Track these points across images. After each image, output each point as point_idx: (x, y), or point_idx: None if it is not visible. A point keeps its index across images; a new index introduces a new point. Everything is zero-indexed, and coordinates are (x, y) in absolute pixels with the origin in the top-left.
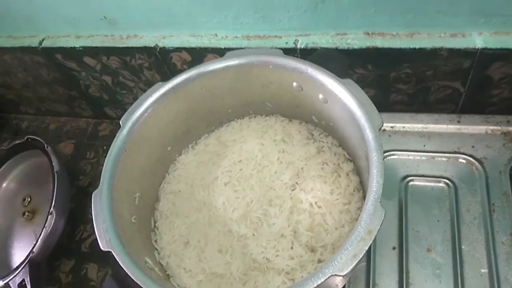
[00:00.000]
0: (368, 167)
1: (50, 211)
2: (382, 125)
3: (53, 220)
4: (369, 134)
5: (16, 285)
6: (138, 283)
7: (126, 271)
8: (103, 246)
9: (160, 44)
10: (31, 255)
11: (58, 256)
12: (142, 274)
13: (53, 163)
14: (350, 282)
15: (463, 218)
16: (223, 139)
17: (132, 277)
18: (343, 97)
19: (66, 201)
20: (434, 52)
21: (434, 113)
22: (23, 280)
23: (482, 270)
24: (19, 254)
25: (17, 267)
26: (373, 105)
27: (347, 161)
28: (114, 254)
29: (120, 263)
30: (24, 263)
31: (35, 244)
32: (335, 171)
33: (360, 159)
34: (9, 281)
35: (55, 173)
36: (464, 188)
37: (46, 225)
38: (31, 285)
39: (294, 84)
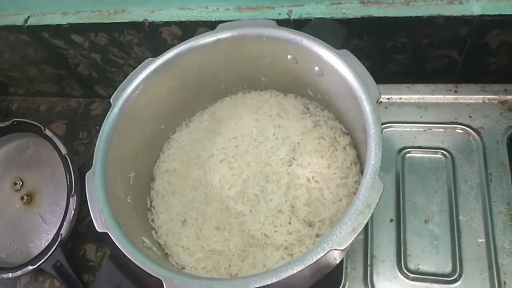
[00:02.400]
0: (366, 140)
1: (72, 193)
2: (380, 97)
3: (75, 202)
4: (366, 106)
5: (51, 267)
6: (136, 263)
7: (123, 251)
8: (98, 227)
9: (149, 19)
10: (60, 237)
11: None
12: (139, 254)
13: (59, 147)
14: (348, 254)
15: (460, 189)
16: (217, 116)
17: (129, 258)
18: (339, 68)
19: (77, 182)
20: (430, 20)
21: (431, 83)
22: (58, 261)
23: (479, 240)
24: (34, 238)
25: (44, 251)
26: (371, 77)
27: (344, 134)
28: (111, 235)
29: (117, 244)
30: (55, 245)
31: (60, 227)
32: (332, 145)
33: (357, 132)
34: (40, 264)
35: (66, 156)
36: (461, 159)
37: (69, 207)
38: (69, 265)
39: (289, 56)
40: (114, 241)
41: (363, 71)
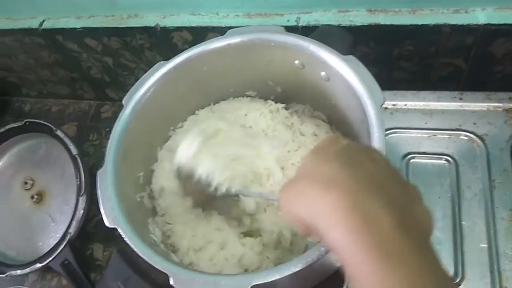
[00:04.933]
0: (370, 144)
1: (81, 193)
2: (384, 102)
3: (85, 202)
4: (370, 110)
5: (59, 265)
6: (144, 258)
7: (132, 246)
8: (109, 223)
9: (161, 24)
10: (68, 236)
11: None
12: (147, 249)
13: (70, 147)
14: None
15: (463, 195)
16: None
17: (138, 252)
18: (345, 73)
19: (87, 182)
20: (436, 29)
21: (436, 90)
22: (65, 259)
23: (482, 245)
24: (43, 237)
25: (52, 249)
26: (376, 82)
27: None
28: (120, 230)
29: (125, 239)
30: (64, 244)
31: (69, 225)
32: None
33: (362, 137)
34: (49, 262)
35: (76, 156)
36: (465, 165)
37: (78, 207)
38: (77, 263)
39: (296, 62)
40: (123, 236)
41: (368, 76)
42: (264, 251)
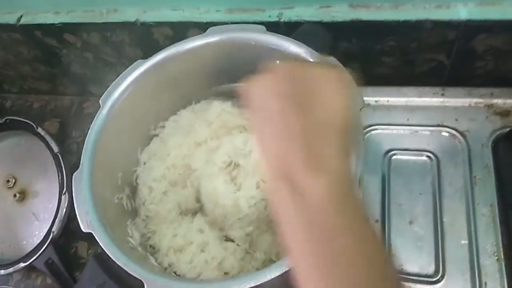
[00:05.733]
0: None
1: (64, 191)
2: (363, 106)
3: (67, 200)
4: None
5: (43, 264)
6: (119, 264)
7: (107, 252)
8: (84, 228)
9: (141, 19)
10: (52, 234)
11: None
12: (122, 255)
13: (51, 145)
14: None
15: (445, 191)
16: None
17: (113, 258)
18: None
19: (69, 180)
20: (418, 24)
21: (420, 86)
22: (49, 258)
23: (462, 242)
24: (26, 236)
25: (36, 248)
26: (356, 85)
27: None
28: (95, 236)
29: (100, 245)
30: (47, 243)
31: (52, 224)
32: None
33: None
34: (32, 262)
35: (57, 154)
36: (446, 161)
37: (61, 205)
38: (61, 262)
39: (277, 62)
40: (98, 241)
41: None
42: (246, 257)
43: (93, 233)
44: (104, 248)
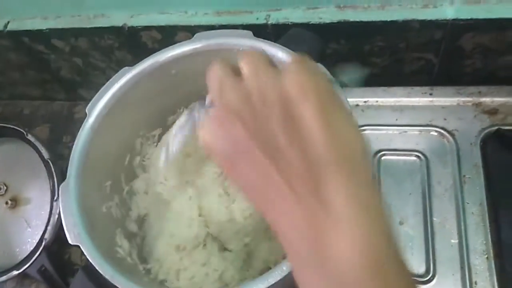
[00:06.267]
0: None
1: (56, 198)
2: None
3: (59, 207)
4: None
5: (36, 272)
6: (107, 277)
7: (95, 265)
8: (71, 240)
9: (129, 23)
10: (44, 242)
11: None
12: (110, 268)
13: (41, 151)
14: None
15: (434, 191)
16: None
17: (101, 271)
18: None
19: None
20: (406, 24)
21: (409, 85)
22: (42, 265)
23: (453, 241)
24: (19, 243)
25: (29, 256)
26: (343, 92)
27: None
28: (82, 249)
29: (88, 258)
30: (40, 250)
31: (45, 231)
32: None
33: None
34: (25, 269)
35: (48, 161)
36: (435, 161)
37: (53, 212)
38: (54, 269)
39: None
40: (86, 254)
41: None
42: (244, 265)
43: (80, 246)
44: (91, 261)
